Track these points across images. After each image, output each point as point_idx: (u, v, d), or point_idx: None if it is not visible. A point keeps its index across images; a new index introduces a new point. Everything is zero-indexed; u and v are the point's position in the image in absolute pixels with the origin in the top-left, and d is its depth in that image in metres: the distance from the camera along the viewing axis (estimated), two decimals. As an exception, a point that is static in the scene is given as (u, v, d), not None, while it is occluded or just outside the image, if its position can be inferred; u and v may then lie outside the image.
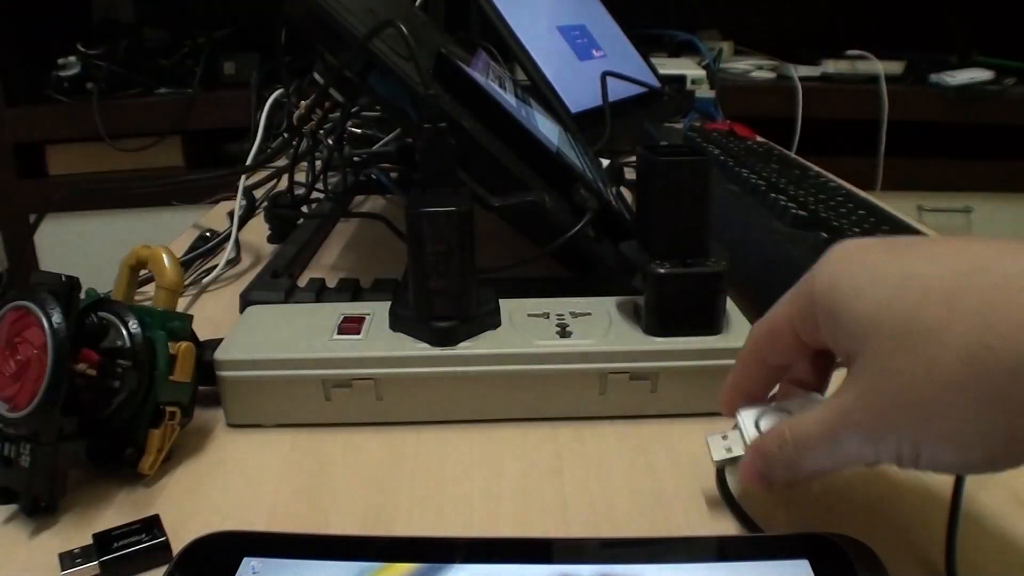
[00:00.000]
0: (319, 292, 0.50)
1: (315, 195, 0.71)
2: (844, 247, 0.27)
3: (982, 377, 0.21)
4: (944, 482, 0.32)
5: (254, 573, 0.25)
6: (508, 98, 0.54)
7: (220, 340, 0.39)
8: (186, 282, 0.57)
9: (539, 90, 0.89)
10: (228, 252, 0.61)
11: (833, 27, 1.92)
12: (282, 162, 0.76)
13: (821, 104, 1.62)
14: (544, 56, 0.91)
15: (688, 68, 1.22)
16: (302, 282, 0.52)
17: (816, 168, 0.75)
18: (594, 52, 1.04)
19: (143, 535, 0.30)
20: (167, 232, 0.71)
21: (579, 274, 0.52)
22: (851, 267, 0.26)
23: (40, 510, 0.31)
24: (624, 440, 0.38)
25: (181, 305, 0.45)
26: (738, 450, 0.30)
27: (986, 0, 1.86)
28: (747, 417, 0.30)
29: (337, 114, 0.69)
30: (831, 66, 1.69)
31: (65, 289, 0.31)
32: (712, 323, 0.39)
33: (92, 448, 0.33)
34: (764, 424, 0.30)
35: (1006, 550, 0.30)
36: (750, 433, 0.30)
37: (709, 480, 0.34)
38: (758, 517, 0.32)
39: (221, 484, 0.34)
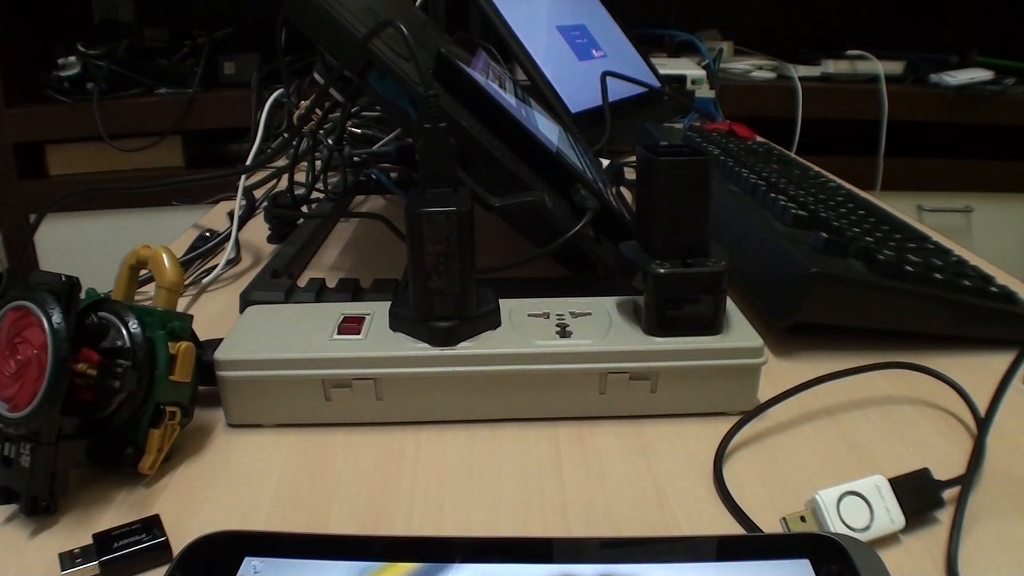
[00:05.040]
0: (319, 292, 0.50)
1: (315, 195, 0.71)
2: None
3: None
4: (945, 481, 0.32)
5: (255, 573, 0.25)
6: (508, 98, 0.54)
7: (220, 340, 0.39)
8: (186, 282, 0.57)
9: (539, 90, 0.89)
10: (228, 252, 0.61)
11: (833, 27, 1.92)
12: (282, 162, 0.76)
13: (821, 104, 1.62)
14: (544, 56, 0.91)
15: (688, 68, 1.22)
16: (302, 282, 0.52)
17: (816, 168, 0.75)
18: (594, 52, 1.04)
19: (143, 535, 0.30)
20: (167, 232, 0.71)
21: (579, 274, 0.52)
22: None
23: (40, 510, 0.31)
24: (624, 440, 0.38)
25: (181, 305, 0.45)
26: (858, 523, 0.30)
27: (986, 0, 1.86)
28: (828, 499, 0.30)
29: (337, 114, 0.69)
30: (831, 66, 1.69)
31: (65, 289, 0.31)
32: (712, 323, 0.39)
33: (92, 448, 0.33)
34: (847, 509, 0.30)
35: (1006, 550, 0.30)
36: (833, 519, 0.30)
37: (709, 480, 0.35)
38: (758, 517, 0.32)
39: (221, 484, 0.34)
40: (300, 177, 0.71)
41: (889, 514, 0.30)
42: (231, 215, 0.65)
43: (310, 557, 0.25)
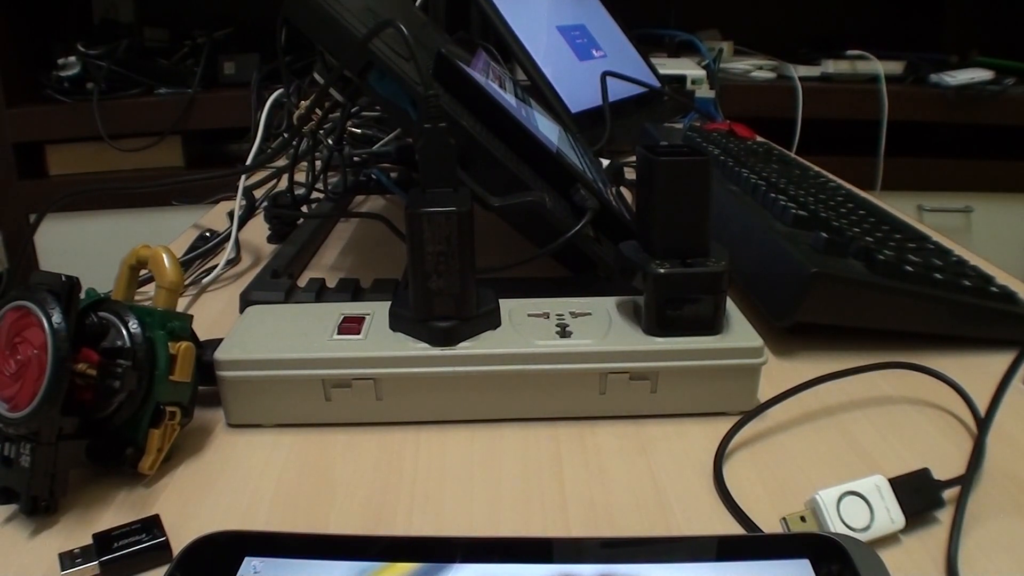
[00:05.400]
0: (319, 292, 0.50)
1: (315, 195, 0.71)
2: None
3: None
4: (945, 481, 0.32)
5: (255, 573, 0.25)
6: (508, 98, 0.54)
7: (220, 340, 0.39)
8: (186, 282, 0.57)
9: (539, 90, 0.89)
10: (228, 252, 0.61)
11: (833, 27, 1.92)
12: (282, 162, 0.76)
13: (821, 104, 1.62)
14: (544, 56, 0.91)
15: (688, 68, 1.22)
16: (302, 282, 0.52)
17: (816, 168, 0.75)
18: (594, 52, 1.04)
19: (143, 535, 0.30)
20: (167, 232, 0.71)
21: (579, 274, 0.52)
22: None
23: (40, 510, 0.31)
24: (624, 440, 0.38)
25: (181, 305, 0.45)
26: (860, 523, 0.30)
27: (986, 0, 1.86)
28: (828, 499, 0.30)
29: (337, 114, 0.69)
30: (831, 66, 1.69)
31: (65, 289, 0.31)
32: (712, 323, 0.39)
33: (92, 448, 0.33)
34: (847, 509, 0.30)
35: (1006, 550, 0.30)
36: (833, 519, 0.30)
37: (709, 480, 0.35)
38: (758, 517, 0.32)
39: (221, 484, 0.34)
40: (300, 177, 0.71)
41: (889, 514, 0.30)
42: (231, 215, 0.65)
43: (310, 557, 0.25)
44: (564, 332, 0.39)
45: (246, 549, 0.25)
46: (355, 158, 0.77)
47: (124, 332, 0.33)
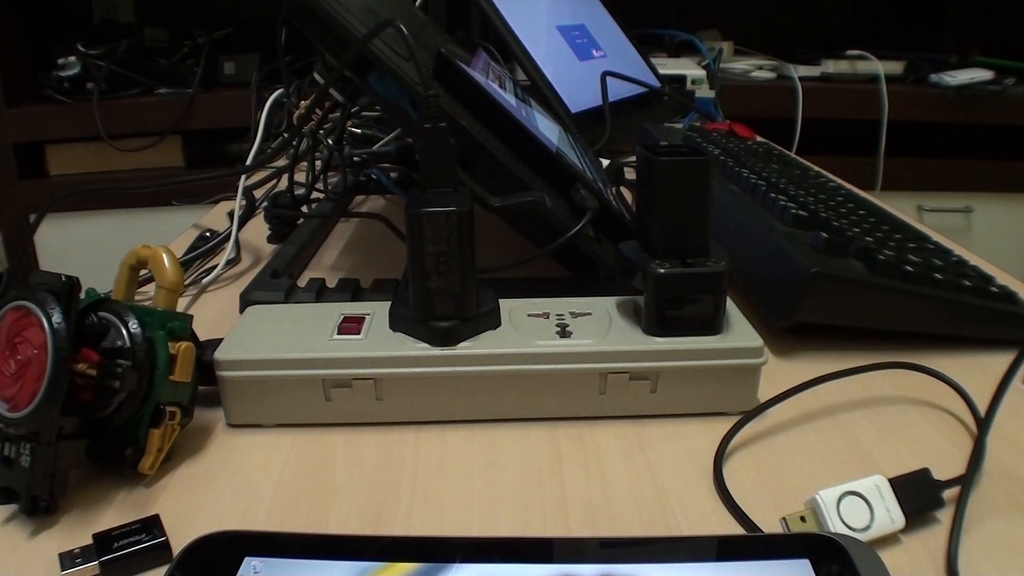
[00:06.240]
0: (319, 292, 0.50)
1: (315, 195, 0.71)
2: None
3: None
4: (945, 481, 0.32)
5: (255, 573, 0.25)
6: (508, 98, 0.54)
7: (220, 340, 0.39)
8: (186, 282, 0.57)
9: (539, 90, 0.89)
10: (228, 252, 0.61)
11: (833, 27, 1.92)
12: (282, 162, 0.76)
13: (821, 104, 1.62)
14: (544, 56, 0.91)
15: (688, 68, 1.22)
16: (302, 282, 0.52)
17: (816, 168, 0.75)
18: (594, 52, 1.04)
19: (143, 535, 0.30)
20: (167, 232, 0.71)
21: (579, 274, 0.52)
22: None
23: (40, 510, 0.31)
24: (624, 440, 0.38)
25: (181, 305, 0.45)
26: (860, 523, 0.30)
27: (986, 0, 1.86)
28: (828, 499, 0.30)
29: (337, 114, 0.69)
30: (831, 66, 1.69)
31: (65, 289, 0.31)
32: (712, 323, 0.39)
33: (92, 448, 0.33)
34: (847, 509, 0.30)
35: (1006, 550, 0.30)
36: (833, 519, 0.30)
37: (709, 480, 0.35)
38: (758, 517, 0.32)
39: (221, 484, 0.34)
40: (300, 177, 0.71)
41: (889, 514, 0.30)
42: (231, 215, 0.65)
43: (310, 557, 0.25)
44: (564, 332, 0.39)
45: (246, 549, 0.25)
46: (355, 158, 0.77)
47: (124, 332, 0.33)
